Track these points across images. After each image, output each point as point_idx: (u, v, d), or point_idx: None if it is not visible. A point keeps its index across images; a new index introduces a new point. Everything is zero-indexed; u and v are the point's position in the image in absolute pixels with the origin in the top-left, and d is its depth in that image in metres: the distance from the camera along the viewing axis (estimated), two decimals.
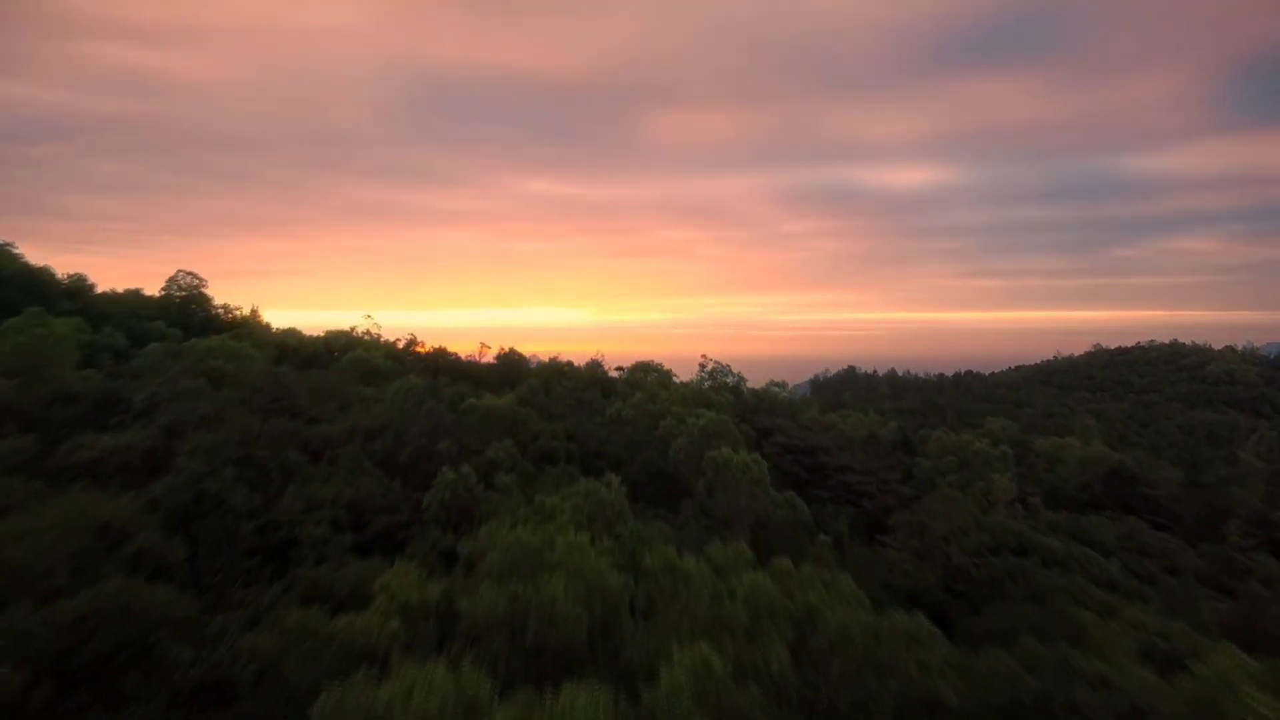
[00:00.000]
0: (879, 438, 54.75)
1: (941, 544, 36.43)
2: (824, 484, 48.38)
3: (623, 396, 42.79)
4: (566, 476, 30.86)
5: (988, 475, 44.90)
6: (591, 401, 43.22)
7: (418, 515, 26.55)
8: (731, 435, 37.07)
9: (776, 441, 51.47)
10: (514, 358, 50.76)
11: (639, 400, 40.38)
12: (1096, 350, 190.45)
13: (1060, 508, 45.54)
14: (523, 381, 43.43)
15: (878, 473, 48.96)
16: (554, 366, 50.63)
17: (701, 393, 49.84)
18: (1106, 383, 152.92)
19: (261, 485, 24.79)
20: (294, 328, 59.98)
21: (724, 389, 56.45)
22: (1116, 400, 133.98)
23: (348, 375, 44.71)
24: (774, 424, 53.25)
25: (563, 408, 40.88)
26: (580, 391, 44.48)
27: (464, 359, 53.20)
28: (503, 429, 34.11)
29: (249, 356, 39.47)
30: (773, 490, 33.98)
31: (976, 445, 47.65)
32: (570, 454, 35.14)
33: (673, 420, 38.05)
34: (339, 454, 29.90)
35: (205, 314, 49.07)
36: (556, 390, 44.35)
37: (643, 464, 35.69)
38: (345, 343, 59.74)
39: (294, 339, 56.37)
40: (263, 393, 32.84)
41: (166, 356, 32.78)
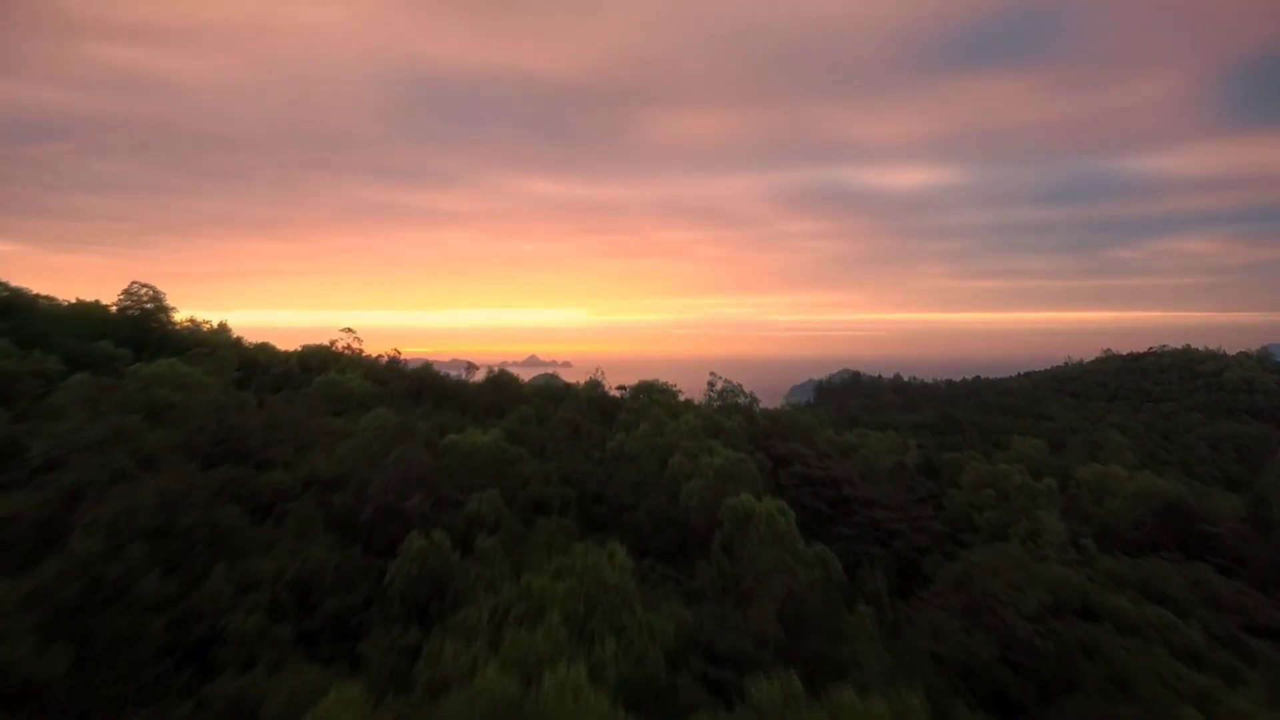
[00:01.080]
0: (907, 467, 49.97)
1: (994, 603, 31.80)
2: (848, 520, 43.66)
3: (625, 426, 38.12)
4: (561, 534, 26.12)
5: (1033, 513, 40.23)
6: (590, 431, 38.53)
7: (380, 591, 21.83)
8: (751, 476, 32.37)
9: (795, 472, 46.77)
10: (504, 379, 45.89)
11: (644, 432, 35.70)
12: (1107, 356, 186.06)
13: (1112, 548, 40.81)
14: (513, 409, 38.73)
15: (907, 508, 44.24)
16: (548, 389, 45.87)
17: (712, 418, 45.14)
18: (1122, 391, 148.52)
19: (183, 563, 20.04)
20: (267, 343, 55.27)
21: (734, 409, 51.73)
22: (1134, 410, 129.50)
23: (318, 401, 39.96)
24: (791, 451, 48.54)
25: (558, 440, 36.18)
26: (578, 417, 39.77)
27: (451, 378, 48.38)
28: (487, 473, 29.37)
29: (200, 384, 34.70)
30: (800, 543, 29.27)
31: (1017, 479, 42.94)
32: (566, 500, 30.40)
33: (683, 457, 33.34)
34: (290, 511, 25.14)
35: (164, 331, 44.27)
36: (551, 419, 39.66)
37: (650, 511, 30.97)
38: (323, 358, 55.01)
39: (265, 355, 51.62)
40: (205, 433, 28.07)
41: (93, 390, 27.96)
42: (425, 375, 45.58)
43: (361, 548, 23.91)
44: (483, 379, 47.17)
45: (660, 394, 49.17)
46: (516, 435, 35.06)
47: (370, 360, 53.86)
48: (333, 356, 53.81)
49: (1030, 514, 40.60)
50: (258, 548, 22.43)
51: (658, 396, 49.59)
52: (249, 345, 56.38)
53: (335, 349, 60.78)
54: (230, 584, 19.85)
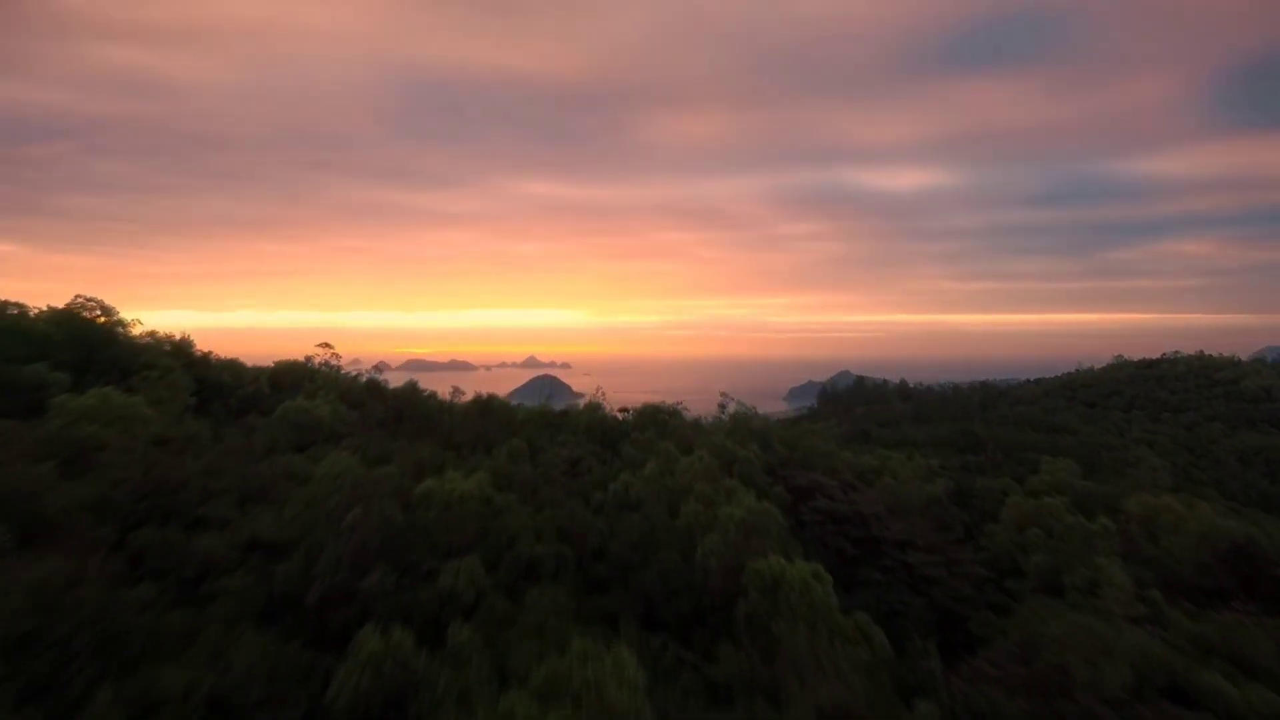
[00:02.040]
0: (942, 501, 45.33)
1: (1067, 682, 27.22)
2: (878, 563, 39.00)
3: (630, 464, 33.51)
4: (555, 615, 21.42)
5: (1089, 558, 35.65)
6: (590, 467, 33.88)
7: (322, 707, 17.16)
8: (777, 529, 27.72)
9: (818, 507, 42.11)
10: (493, 405, 41.01)
11: (652, 473, 31.08)
12: (1119, 362, 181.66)
13: (1178, 598, 36.21)
14: (503, 441, 34.08)
15: (945, 549, 39.61)
16: (543, 416, 41.11)
17: (724, 447, 40.48)
18: (1137, 399, 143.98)
19: (52, 685, 15.36)
20: (236, 360, 50.56)
21: (747, 433, 47.06)
22: (1153, 420, 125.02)
23: (281, 432, 35.25)
24: (812, 482, 43.91)
25: (553, 479, 31.51)
26: (576, 451, 35.09)
27: (436, 402, 43.63)
28: (468, 531, 24.70)
29: (140, 418, 29.97)
30: (838, 613, 24.64)
31: (1069, 518, 38.31)
32: (562, 562, 25.71)
33: (698, 505, 28.67)
34: (221, 589, 20.44)
35: (113, 351, 39.50)
36: (546, 452, 35.00)
37: (660, 572, 26.29)
38: (296, 376, 50.29)
39: (232, 374, 46.90)
40: (128, 486, 23.35)
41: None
42: (406, 399, 40.85)
43: (305, 639, 19.22)
44: (471, 401, 42.41)
45: (667, 417, 44.50)
46: (505, 476, 30.37)
47: (349, 379, 49.15)
48: (307, 374, 49.09)
49: (1086, 559, 35.98)
50: (170, 648, 17.72)
51: (665, 419, 44.91)
52: (218, 360, 51.70)
53: (314, 363, 56.12)
54: (119, 712, 15.19)
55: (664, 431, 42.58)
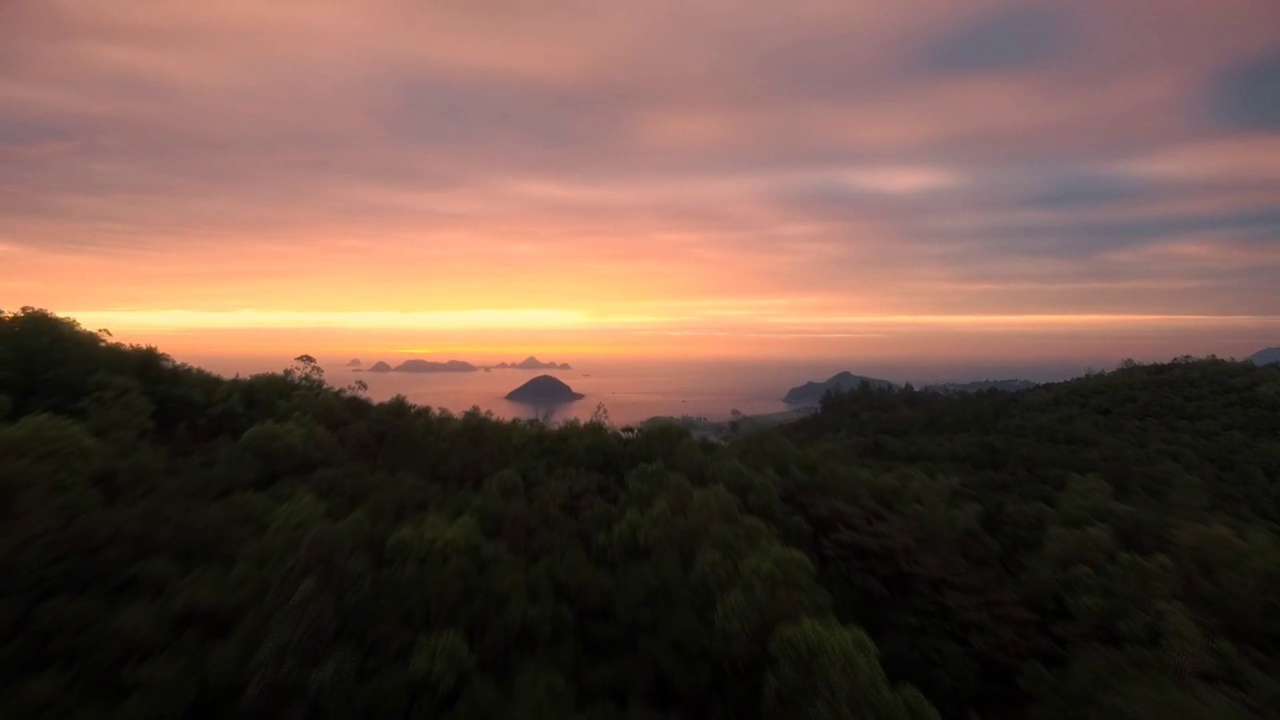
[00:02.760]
0: (978, 535, 41.59)
1: None
2: (911, 605, 35.26)
3: (636, 499, 29.78)
4: (551, 705, 17.69)
5: (1148, 602, 32.00)
6: (591, 504, 30.15)
7: None
8: (810, 585, 23.97)
9: (841, 540, 38.39)
10: (484, 429, 37.05)
11: (661, 513, 27.36)
12: (1130, 367, 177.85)
13: (1246, 644, 32.52)
14: (494, 474, 30.23)
15: (984, 589, 35.90)
16: (539, 440, 37.20)
17: (739, 473, 36.79)
18: (1152, 406, 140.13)
19: None
20: (210, 374, 46.83)
21: (761, 455, 43.32)
22: (1170, 429, 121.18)
23: (246, 462, 31.51)
24: (833, 511, 40.21)
25: (550, 522, 27.78)
26: (576, 481, 31.34)
27: (422, 424, 39.80)
28: (450, 593, 20.98)
29: (81, 451, 26.22)
30: (885, 690, 20.95)
31: (1124, 557, 34.50)
32: (560, 626, 21.99)
33: (715, 554, 24.93)
34: (141, 680, 16.72)
35: (65, 370, 35.68)
36: (543, 484, 31.25)
37: (674, 636, 22.57)
38: (274, 392, 46.52)
39: (203, 390, 43.14)
40: (41, 543, 19.60)
41: None
42: (390, 421, 37.05)
43: None
44: (461, 424, 38.54)
45: (675, 438, 40.73)
46: (496, 516, 26.65)
47: (330, 396, 45.35)
48: (284, 390, 45.31)
49: (1144, 602, 32.28)
50: None
51: (673, 439, 41.13)
52: (191, 373, 47.96)
53: (295, 376, 52.41)
54: None
55: (672, 456, 38.85)
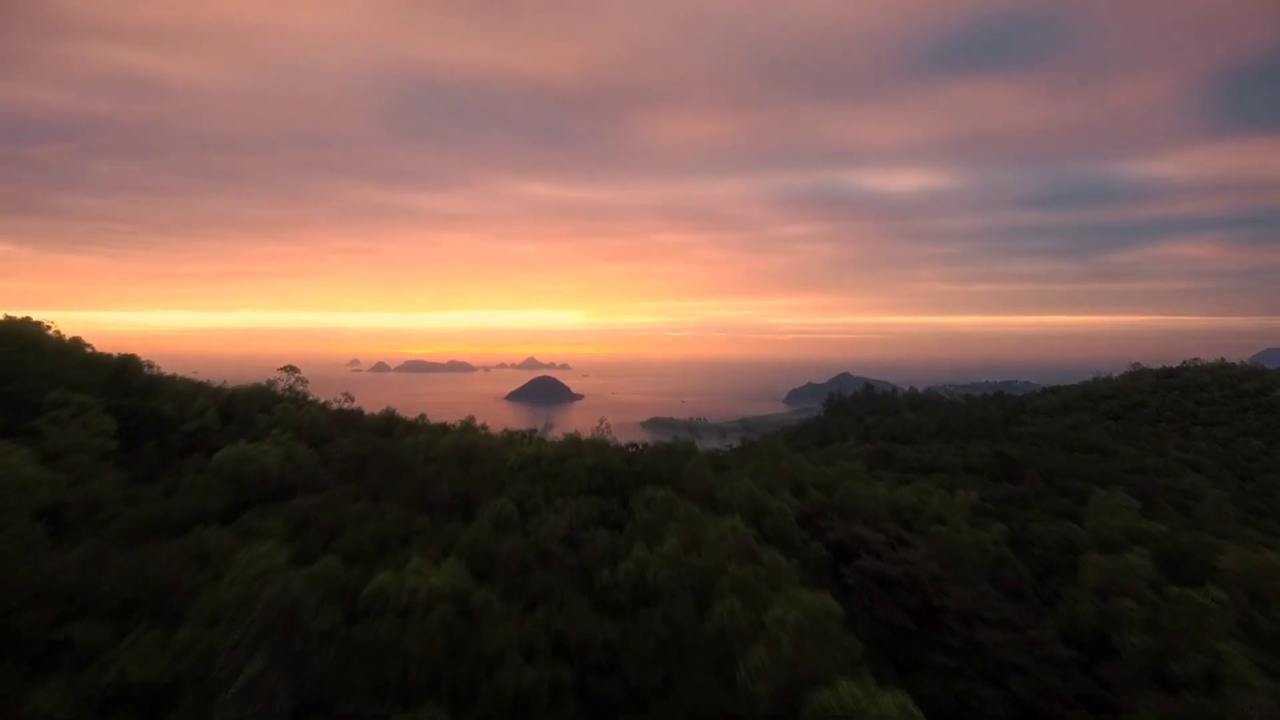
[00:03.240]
0: (1009, 562, 38.78)
1: None
2: (941, 642, 32.36)
3: (644, 532, 26.92)
4: None
5: (1204, 641, 29.25)
6: (593, 536, 27.30)
7: None
8: (839, 637, 21.17)
9: (864, 569, 35.58)
10: (478, 448, 33.88)
11: (672, 550, 24.57)
12: (1139, 370, 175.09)
13: None
14: (487, 504, 27.30)
15: (1021, 624, 33.11)
16: (536, 462, 34.18)
17: (755, 499, 34.04)
18: (1163, 412, 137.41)
19: None
20: (191, 381, 44.06)
21: (775, 474, 40.53)
22: (1184, 435, 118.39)
23: (214, 490, 28.66)
24: (854, 537, 37.40)
25: (548, 560, 24.93)
26: (577, 511, 28.48)
27: (417, 432, 36.84)
28: (432, 653, 18.17)
29: (19, 482, 23.36)
30: None
31: (1172, 589, 31.68)
32: (559, 688, 19.18)
33: (736, 602, 22.12)
34: None
35: (18, 385, 32.78)
36: (541, 514, 28.37)
37: (690, 700, 19.78)
38: (256, 404, 43.70)
39: (176, 403, 40.30)
40: None
41: None
42: (373, 445, 34.07)
43: None
44: (452, 445, 35.52)
45: (683, 456, 37.87)
46: (487, 556, 23.84)
47: (315, 409, 42.50)
48: (265, 402, 42.49)
49: (1198, 641, 29.49)
50: None
51: (681, 456, 38.31)
52: (172, 381, 45.22)
53: (279, 387, 49.62)
54: None
55: (680, 475, 36.04)
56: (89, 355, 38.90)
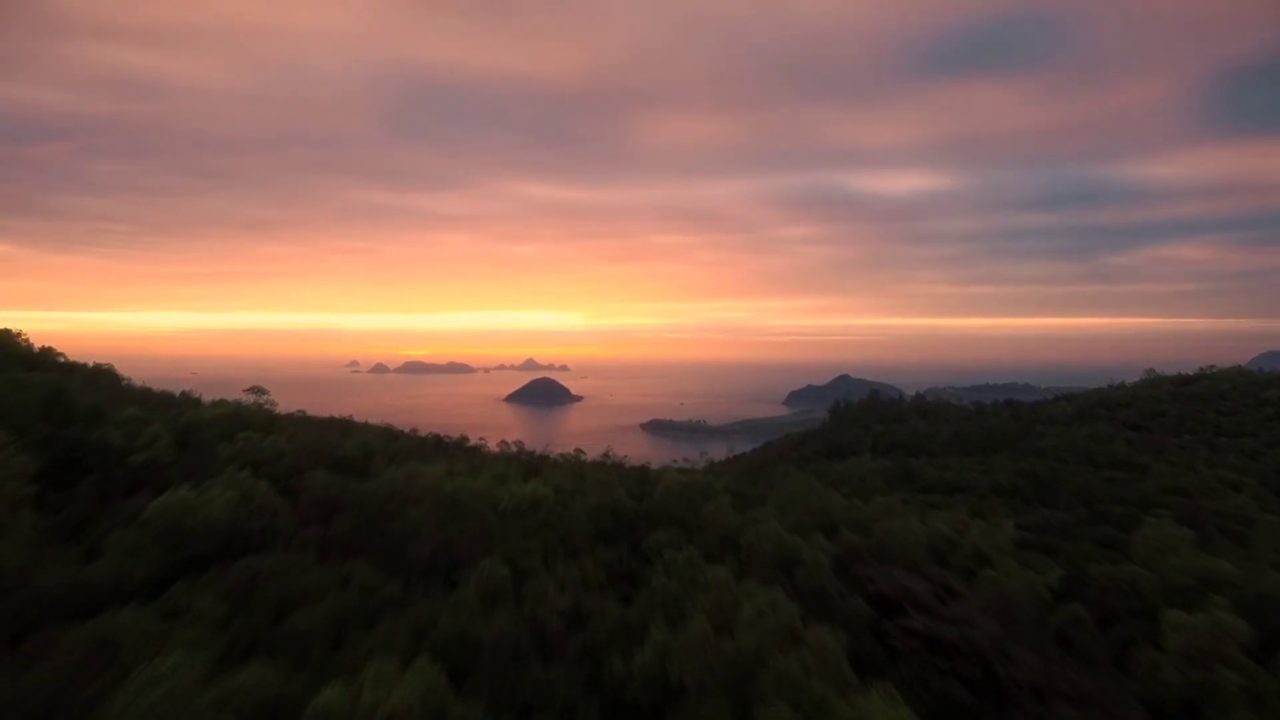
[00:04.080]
0: (1080, 620, 34.01)
1: None
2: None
3: (664, 606, 22.22)
4: None
5: None
6: (601, 612, 22.54)
7: None
8: None
9: (913, 630, 30.91)
10: (462, 501, 28.35)
11: (700, 633, 19.92)
12: (1155, 378, 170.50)
13: None
14: (474, 560, 22.57)
15: (1102, 699, 28.44)
16: (535, 506, 29.13)
17: (784, 545, 29.36)
18: (1185, 422, 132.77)
19: None
20: (166, 395, 39.35)
21: (803, 512, 35.81)
22: (1209, 447, 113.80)
23: (148, 546, 23.85)
24: (899, 589, 32.74)
25: (547, 647, 20.23)
26: (582, 586, 23.69)
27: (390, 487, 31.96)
28: None
29: None
30: None
31: None
32: None
33: (784, 707, 17.41)
34: None
35: None
36: (537, 582, 23.56)
37: None
38: (220, 429, 38.94)
39: (126, 428, 35.53)
40: None
41: None
42: (342, 489, 29.04)
43: None
44: (436, 481, 30.57)
45: (702, 498, 33.06)
46: (470, 645, 19.14)
47: (280, 442, 37.47)
48: (231, 429, 37.74)
49: None
50: None
51: (698, 499, 33.54)
52: (130, 399, 40.46)
53: (256, 405, 44.87)
54: None
55: (698, 516, 31.34)
56: (21, 378, 34.21)
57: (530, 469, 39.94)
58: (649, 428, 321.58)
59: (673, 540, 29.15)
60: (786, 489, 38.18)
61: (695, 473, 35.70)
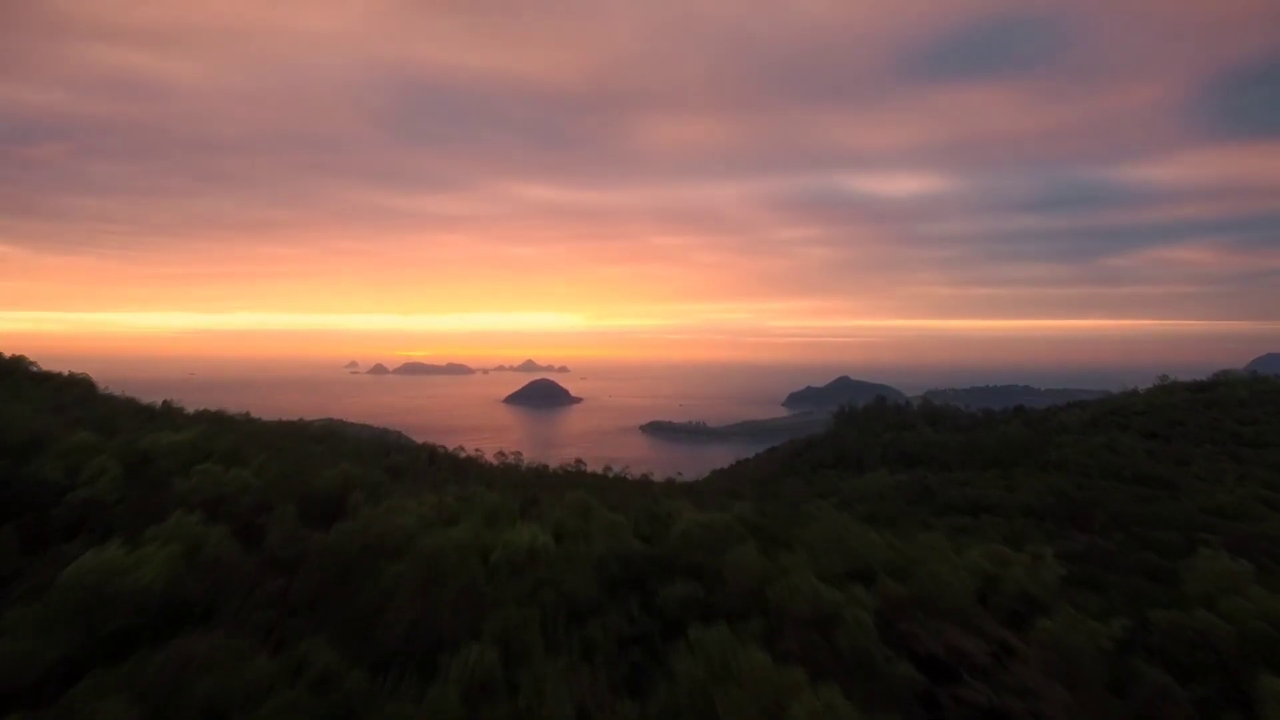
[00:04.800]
0: (1170, 693, 29.71)
1: None
2: None
3: (691, 701, 18.42)
4: None
5: None
6: (611, 707, 18.59)
7: None
8: None
9: (969, 700, 26.84)
10: (445, 568, 24.94)
11: None
12: (1169, 384, 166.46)
13: None
14: (456, 646, 19.05)
15: None
16: (532, 558, 25.44)
17: (821, 599, 24.77)
18: (1204, 432, 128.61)
19: None
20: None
21: (837, 554, 31.30)
22: (1233, 459, 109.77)
23: (63, 620, 19.61)
24: (951, 649, 28.60)
25: None
26: (590, 685, 19.85)
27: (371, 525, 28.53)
28: None
29: None
30: None
31: None
32: None
33: None
34: None
35: None
36: (534, 669, 19.74)
37: None
38: (183, 457, 34.62)
39: (64, 468, 31.12)
40: None
41: None
42: (307, 543, 24.91)
43: None
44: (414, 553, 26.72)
45: (725, 543, 28.88)
46: None
47: (246, 476, 33.28)
48: (192, 457, 33.55)
49: None
50: None
51: (719, 545, 29.22)
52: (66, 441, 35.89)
53: (224, 430, 40.47)
54: None
55: (720, 562, 27.25)
56: None
57: (528, 499, 35.56)
58: (649, 429, 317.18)
59: (691, 596, 24.69)
60: (818, 529, 34.09)
61: (714, 515, 31.33)
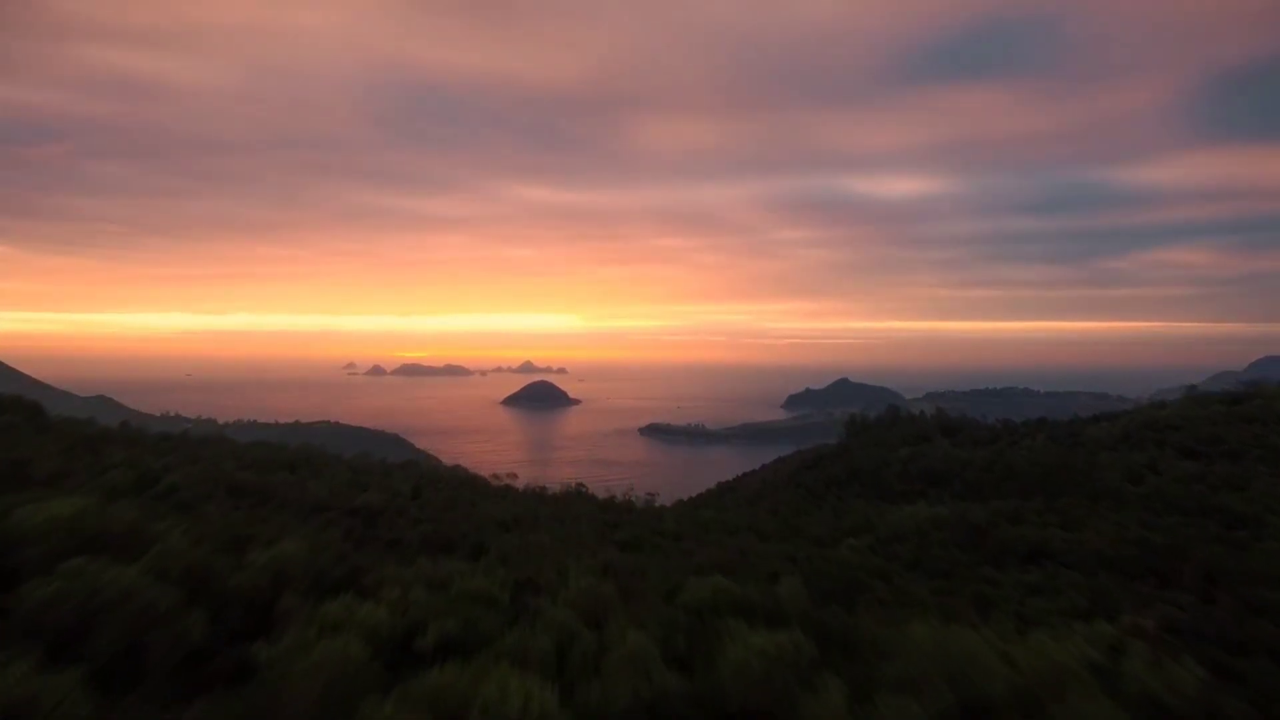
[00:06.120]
0: None
1: None
2: None
3: None
4: None
5: None
6: None
7: None
8: None
9: None
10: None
11: None
12: (1198, 395, 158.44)
13: None
14: None
15: None
16: None
17: None
18: (1245, 448, 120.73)
19: None
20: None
21: (939, 691, 22.81)
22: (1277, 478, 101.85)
23: None
24: None
25: None
26: None
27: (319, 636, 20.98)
28: None
29: None
30: None
31: None
32: None
33: None
34: None
35: None
36: None
37: None
38: (60, 538, 26.37)
39: None
40: None
41: None
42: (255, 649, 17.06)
43: None
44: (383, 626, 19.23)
45: (795, 689, 20.69)
46: None
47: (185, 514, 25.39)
48: (69, 545, 25.62)
49: None
50: None
51: (786, 693, 20.88)
52: None
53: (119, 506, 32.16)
54: None
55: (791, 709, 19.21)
56: None
57: (520, 584, 27.07)
58: (647, 431, 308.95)
59: None
60: (907, 638, 25.90)
61: (776, 638, 23.13)
